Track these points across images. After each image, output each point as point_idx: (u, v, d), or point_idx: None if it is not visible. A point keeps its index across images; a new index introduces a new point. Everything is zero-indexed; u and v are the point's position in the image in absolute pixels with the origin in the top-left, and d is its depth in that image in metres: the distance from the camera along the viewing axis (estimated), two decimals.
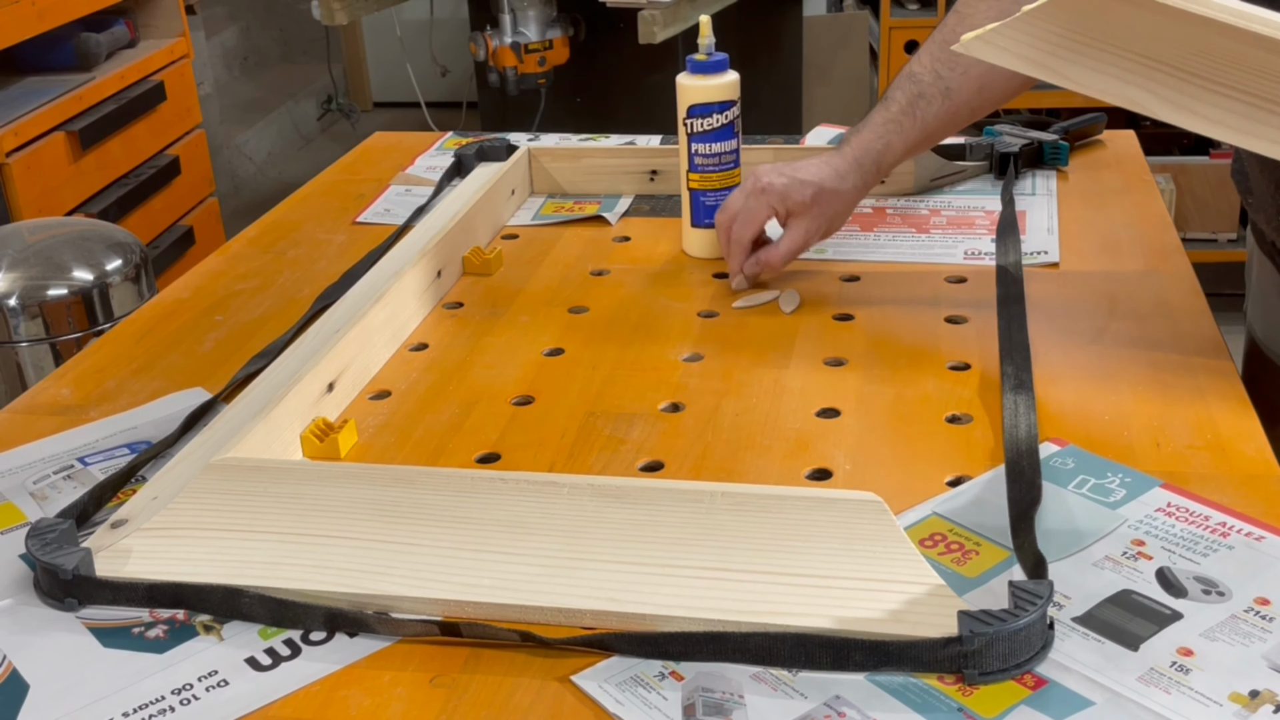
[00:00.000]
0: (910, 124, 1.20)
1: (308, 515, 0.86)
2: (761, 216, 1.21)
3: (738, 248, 1.23)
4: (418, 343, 1.18)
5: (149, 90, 2.94)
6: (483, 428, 1.03)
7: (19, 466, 1.01)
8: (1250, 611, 0.77)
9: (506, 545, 0.83)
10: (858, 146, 1.21)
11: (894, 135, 1.21)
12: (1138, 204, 1.38)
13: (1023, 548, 0.82)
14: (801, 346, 1.13)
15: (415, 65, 4.17)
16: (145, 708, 0.75)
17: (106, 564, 0.85)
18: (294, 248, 1.41)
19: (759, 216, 1.21)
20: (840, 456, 0.96)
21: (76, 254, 1.99)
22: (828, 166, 1.21)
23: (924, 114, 1.19)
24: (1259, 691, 0.71)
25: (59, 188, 2.62)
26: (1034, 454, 0.91)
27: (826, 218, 1.22)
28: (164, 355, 1.19)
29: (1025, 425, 0.95)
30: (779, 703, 0.72)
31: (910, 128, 1.20)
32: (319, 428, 1.00)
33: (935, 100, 1.18)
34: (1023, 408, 0.97)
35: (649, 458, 0.98)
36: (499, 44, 2.87)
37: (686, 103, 1.27)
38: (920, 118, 1.19)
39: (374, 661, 0.78)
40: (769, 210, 1.21)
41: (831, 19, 3.66)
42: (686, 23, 2.53)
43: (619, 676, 0.75)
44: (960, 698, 0.72)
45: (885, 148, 1.21)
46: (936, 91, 1.18)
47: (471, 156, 1.54)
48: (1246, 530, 0.84)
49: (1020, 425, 0.95)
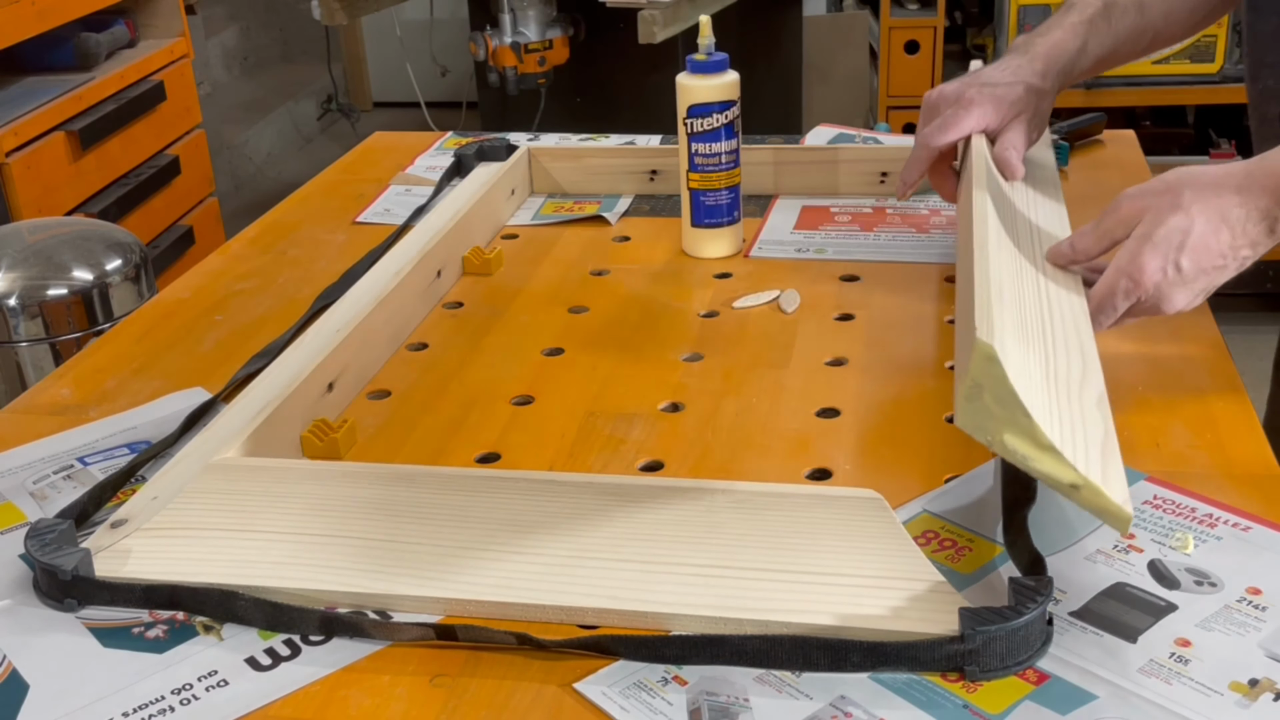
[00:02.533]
0: (1106, 29, 1.15)
1: (308, 515, 0.86)
2: (967, 126, 1.12)
3: (923, 152, 1.14)
4: (418, 343, 1.18)
5: (149, 90, 2.94)
6: (482, 427, 1.03)
7: (19, 466, 1.01)
8: (1243, 601, 0.78)
9: (507, 544, 0.83)
10: (1050, 47, 1.15)
11: (1090, 38, 1.15)
12: None
13: (1014, 545, 0.82)
14: (801, 346, 1.13)
15: (415, 65, 4.17)
16: (145, 708, 0.75)
17: (106, 564, 0.84)
18: (294, 248, 1.41)
19: (964, 125, 1.12)
20: (840, 456, 0.96)
21: (76, 254, 1.99)
22: (1025, 68, 1.14)
23: (1119, 23, 1.15)
24: (1258, 680, 0.72)
25: (59, 188, 2.62)
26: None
27: (1040, 115, 1.15)
28: (164, 355, 1.19)
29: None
30: (784, 704, 0.72)
31: (1106, 33, 1.15)
32: (319, 428, 1.00)
33: (1129, 11, 1.15)
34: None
35: (649, 457, 0.98)
36: (499, 44, 2.87)
37: (686, 103, 1.27)
38: (1115, 26, 1.15)
39: (374, 662, 0.78)
40: (978, 122, 1.12)
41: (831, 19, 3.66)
42: (686, 23, 2.53)
43: (622, 682, 0.75)
44: (965, 695, 0.72)
45: (1081, 49, 1.15)
46: (1130, 3, 1.15)
47: (471, 156, 1.54)
48: (1233, 521, 0.85)
49: None
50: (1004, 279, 0.86)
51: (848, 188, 1.45)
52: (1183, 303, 0.91)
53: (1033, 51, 1.15)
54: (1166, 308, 0.91)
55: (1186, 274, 0.89)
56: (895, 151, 1.46)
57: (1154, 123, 3.25)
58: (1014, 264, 0.94)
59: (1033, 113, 1.13)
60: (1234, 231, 0.89)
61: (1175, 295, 0.90)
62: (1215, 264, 0.89)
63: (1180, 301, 0.91)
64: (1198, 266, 0.89)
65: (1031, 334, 0.84)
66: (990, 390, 0.72)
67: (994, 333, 0.73)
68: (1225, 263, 0.89)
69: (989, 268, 0.84)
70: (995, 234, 0.92)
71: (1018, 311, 0.85)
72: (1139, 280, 0.90)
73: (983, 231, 0.90)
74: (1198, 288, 0.90)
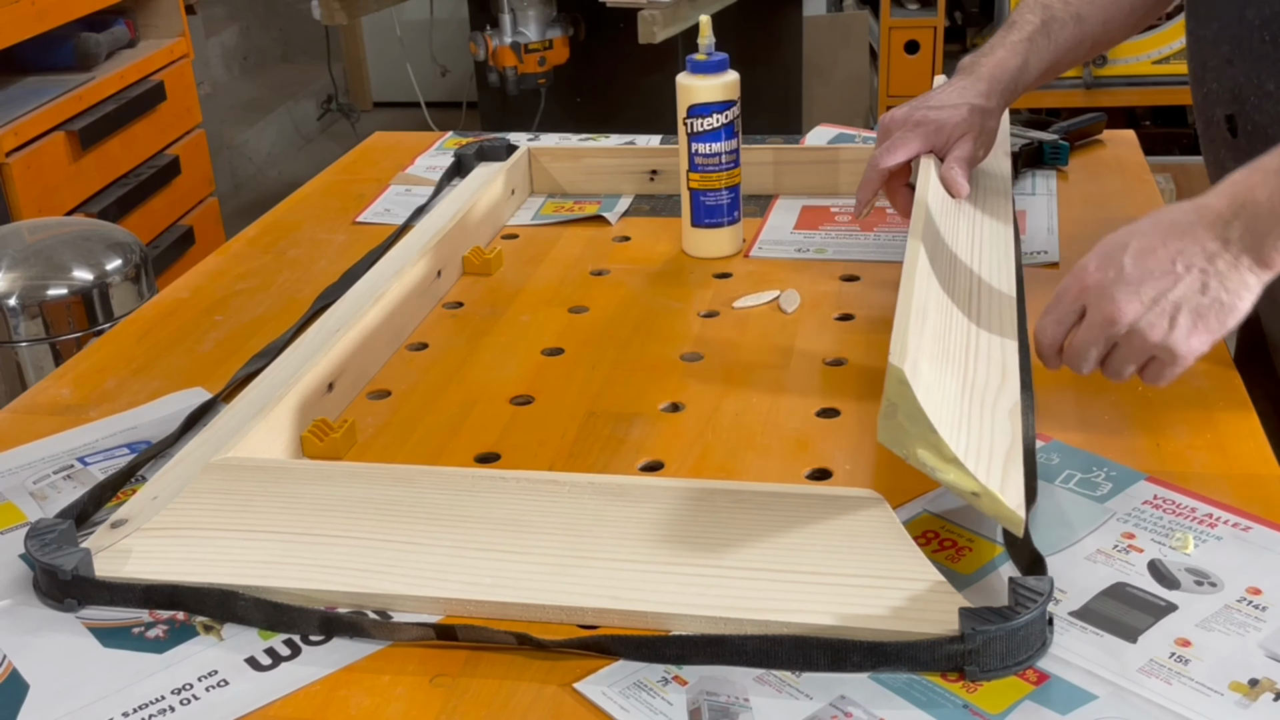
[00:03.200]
0: (1045, 44, 1.19)
1: (308, 515, 0.86)
2: (914, 148, 1.16)
3: (873, 173, 1.17)
4: (418, 342, 1.18)
5: (149, 90, 2.94)
6: (482, 427, 1.03)
7: (19, 466, 1.01)
8: (1243, 601, 0.78)
9: (507, 544, 0.83)
10: (994, 67, 1.19)
11: (1031, 55, 1.19)
12: (1138, 204, 1.38)
13: (1015, 545, 0.82)
14: (801, 346, 1.13)
15: (415, 65, 4.17)
16: (145, 708, 0.75)
17: (106, 564, 0.84)
18: (294, 248, 1.41)
19: (910, 147, 1.16)
20: (840, 456, 0.96)
21: (76, 254, 1.99)
22: (970, 89, 1.18)
23: (1057, 36, 1.18)
24: (1258, 680, 0.72)
25: (59, 187, 2.62)
26: (1031, 454, 0.91)
27: (987, 133, 1.19)
28: (164, 355, 1.19)
29: (1024, 425, 0.95)
30: (784, 704, 0.72)
31: (1045, 48, 1.19)
32: (319, 428, 1.00)
33: (1068, 24, 1.18)
34: (1023, 406, 0.97)
35: (649, 457, 0.98)
36: (499, 44, 2.87)
37: (686, 103, 1.27)
38: (1054, 39, 1.19)
39: (374, 661, 0.78)
40: (923, 143, 1.16)
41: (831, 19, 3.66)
42: (686, 23, 2.53)
43: (622, 683, 0.75)
44: (965, 694, 0.72)
45: (1023, 66, 1.19)
46: (1068, 16, 1.18)
47: (471, 156, 1.54)
48: (1233, 521, 0.85)
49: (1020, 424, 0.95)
50: (929, 301, 0.90)
51: (848, 188, 1.45)
52: (1132, 311, 0.86)
53: (977, 72, 1.19)
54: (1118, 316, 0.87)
55: (1129, 275, 0.86)
56: None
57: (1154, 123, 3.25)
58: (948, 275, 0.98)
59: (979, 131, 1.17)
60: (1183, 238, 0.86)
61: (1120, 297, 0.86)
62: (1163, 268, 0.86)
63: (1128, 309, 0.86)
64: (1142, 268, 0.86)
65: (953, 351, 0.89)
66: (903, 409, 0.77)
67: (906, 357, 0.78)
68: (1175, 269, 0.86)
69: (912, 294, 0.88)
70: (923, 263, 0.95)
71: (941, 328, 0.89)
72: (1084, 283, 0.89)
73: (911, 260, 0.94)
74: (1146, 295, 0.86)
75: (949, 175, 1.14)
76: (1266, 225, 0.84)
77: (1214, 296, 0.86)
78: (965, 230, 1.11)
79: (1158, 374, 0.89)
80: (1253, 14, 1.03)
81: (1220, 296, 0.86)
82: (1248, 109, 1.04)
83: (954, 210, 1.12)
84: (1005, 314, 1.00)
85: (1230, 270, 0.85)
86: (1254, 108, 1.04)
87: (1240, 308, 0.86)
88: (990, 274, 1.05)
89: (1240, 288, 0.86)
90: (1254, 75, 1.03)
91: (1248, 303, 0.86)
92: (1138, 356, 0.88)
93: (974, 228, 1.12)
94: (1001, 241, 1.12)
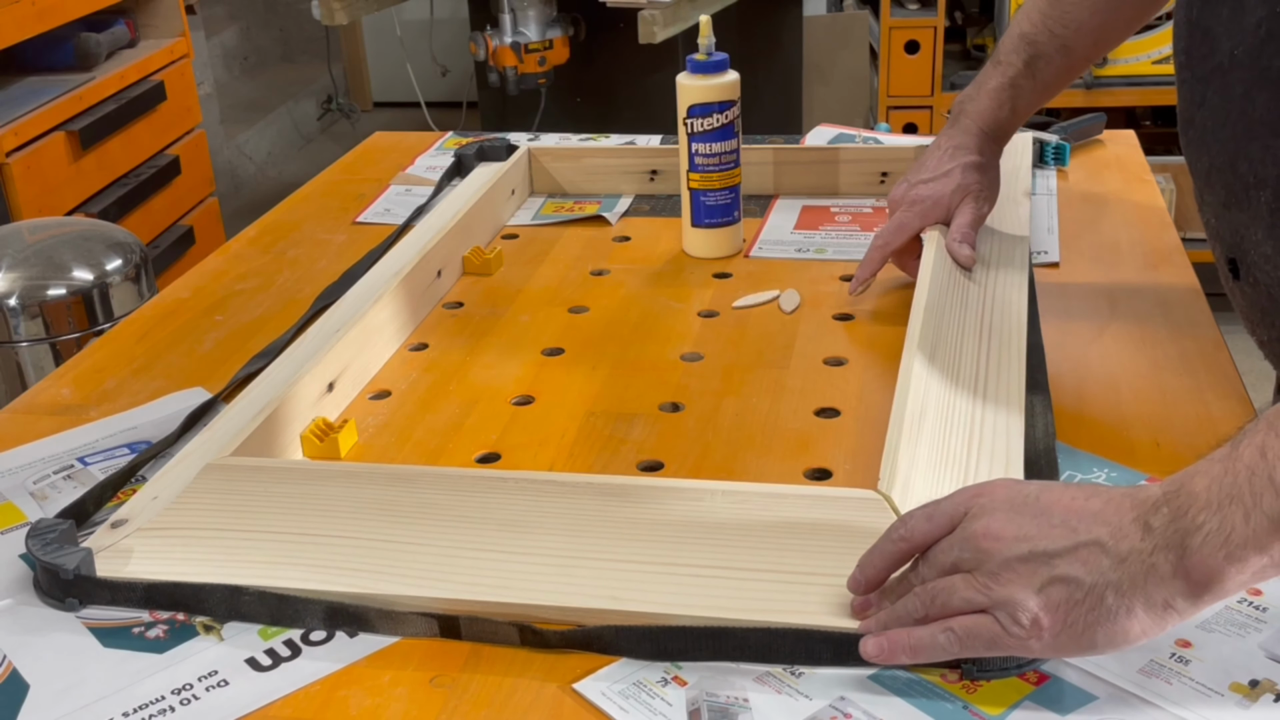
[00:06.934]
0: (1030, 86, 1.19)
1: (308, 515, 0.86)
2: (914, 227, 1.18)
3: (876, 253, 1.19)
4: (417, 342, 1.18)
5: (149, 90, 2.94)
6: (483, 428, 1.03)
7: (19, 466, 1.01)
8: (1243, 602, 0.77)
9: (507, 544, 0.83)
10: (979, 117, 1.19)
11: (1018, 100, 1.19)
12: (1138, 204, 1.38)
13: None
14: (801, 346, 1.13)
15: (415, 65, 4.17)
16: (145, 708, 0.75)
17: (107, 564, 0.84)
18: (294, 248, 1.41)
19: (911, 227, 1.18)
20: (840, 456, 0.96)
21: (76, 254, 1.99)
22: (960, 151, 1.18)
23: (1044, 73, 1.18)
24: (1259, 681, 0.71)
25: (59, 188, 2.62)
26: (1052, 453, 0.91)
27: (988, 183, 1.19)
28: (164, 355, 1.19)
29: (1042, 424, 0.95)
30: (784, 704, 0.72)
31: (1031, 90, 1.19)
32: (319, 428, 1.00)
33: (1054, 59, 1.18)
34: (1039, 407, 0.97)
35: (649, 457, 0.98)
36: (499, 44, 2.87)
37: (686, 103, 1.27)
38: (1040, 78, 1.18)
39: (374, 661, 0.78)
40: (923, 221, 1.17)
41: (831, 19, 3.66)
42: (686, 23, 2.53)
43: (622, 682, 0.75)
44: (965, 695, 0.72)
45: (1011, 114, 1.20)
46: (1053, 50, 1.17)
47: (471, 156, 1.54)
48: None
49: (1037, 425, 0.95)
50: (927, 403, 0.92)
51: (848, 188, 1.45)
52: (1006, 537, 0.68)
53: (963, 124, 1.20)
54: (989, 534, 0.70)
55: (1020, 504, 0.70)
56: (895, 151, 1.46)
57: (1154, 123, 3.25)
58: (953, 359, 0.99)
59: (979, 187, 1.18)
60: (1106, 504, 0.69)
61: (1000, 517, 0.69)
62: (1062, 519, 0.68)
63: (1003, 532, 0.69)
64: (1039, 504, 0.69)
65: (954, 450, 0.90)
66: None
67: (894, 484, 0.82)
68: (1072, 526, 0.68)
69: (906, 404, 0.90)
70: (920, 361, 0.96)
71: (940, 432, 0.90)
72: (975, 491, 0.73)
73: (908, 362, 0.96)
74: (1026, 531, 0.68)
75: (952, 249, 1.15)
76: (1194, 520, 0.65)
77: (1097, 593, 0.66)
78: (975, 298, 1.11)
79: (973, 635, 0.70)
80: (1245, 170, 0.89)
81: (1105, 597, 0.66)
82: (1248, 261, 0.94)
83: (962, 281, 1.13)
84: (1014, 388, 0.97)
85: (1137, 569, 0.65)
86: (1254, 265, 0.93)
87: (1125, 630, 0.66)
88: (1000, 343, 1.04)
89: (1137, 600, 0.65)
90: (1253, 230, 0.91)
91: (1140, 629, 0.66)
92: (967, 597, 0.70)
93: (984, 294, 1.12)
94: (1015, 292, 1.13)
